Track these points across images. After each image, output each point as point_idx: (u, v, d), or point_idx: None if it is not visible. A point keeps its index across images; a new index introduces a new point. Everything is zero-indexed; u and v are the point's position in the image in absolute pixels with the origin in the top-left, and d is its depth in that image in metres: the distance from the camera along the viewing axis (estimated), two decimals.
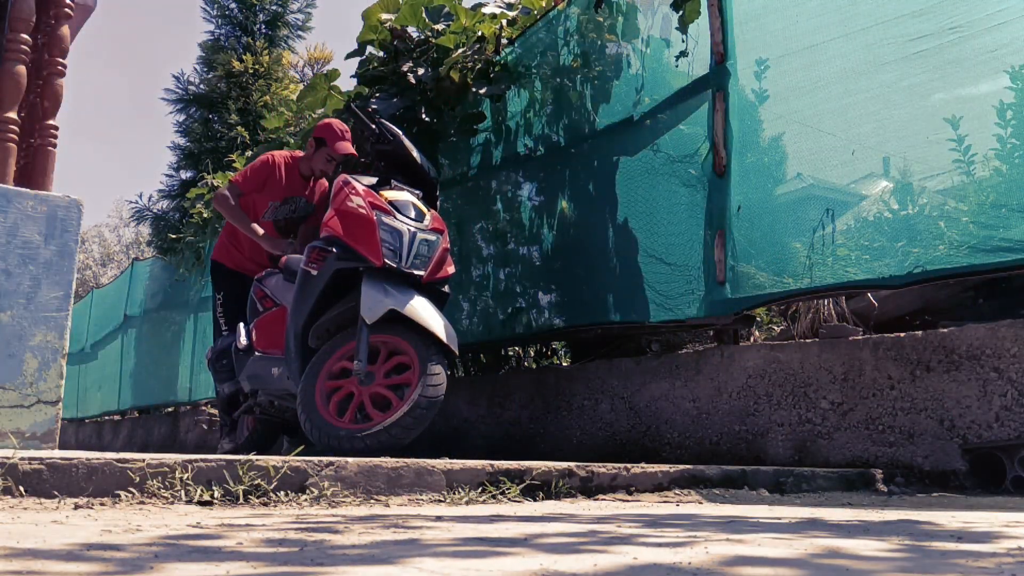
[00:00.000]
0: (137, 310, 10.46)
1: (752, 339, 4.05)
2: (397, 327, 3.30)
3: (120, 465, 1.88)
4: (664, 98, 3.84)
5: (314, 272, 3.45)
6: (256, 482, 1.99)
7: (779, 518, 1.82)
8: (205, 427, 7.58)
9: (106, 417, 11.22)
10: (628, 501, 2.35)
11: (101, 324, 11.81)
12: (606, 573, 1.04)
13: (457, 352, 3.40)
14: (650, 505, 2.24)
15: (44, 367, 3.00)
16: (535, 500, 2.30)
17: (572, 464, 2.47)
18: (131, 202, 13.35)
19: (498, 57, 4.70)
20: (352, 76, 5.42)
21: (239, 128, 11.55)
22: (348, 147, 4.26)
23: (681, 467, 2.59)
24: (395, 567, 1.06)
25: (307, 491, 2.04)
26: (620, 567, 1.08)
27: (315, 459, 2.12)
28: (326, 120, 4.39)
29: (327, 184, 4.41)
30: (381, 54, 5.19)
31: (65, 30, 3.42)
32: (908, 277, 2.91)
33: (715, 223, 3.47)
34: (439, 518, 1.75)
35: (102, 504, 1.79)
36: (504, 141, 4.81)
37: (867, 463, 2.97)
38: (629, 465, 2.54)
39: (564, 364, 4.99)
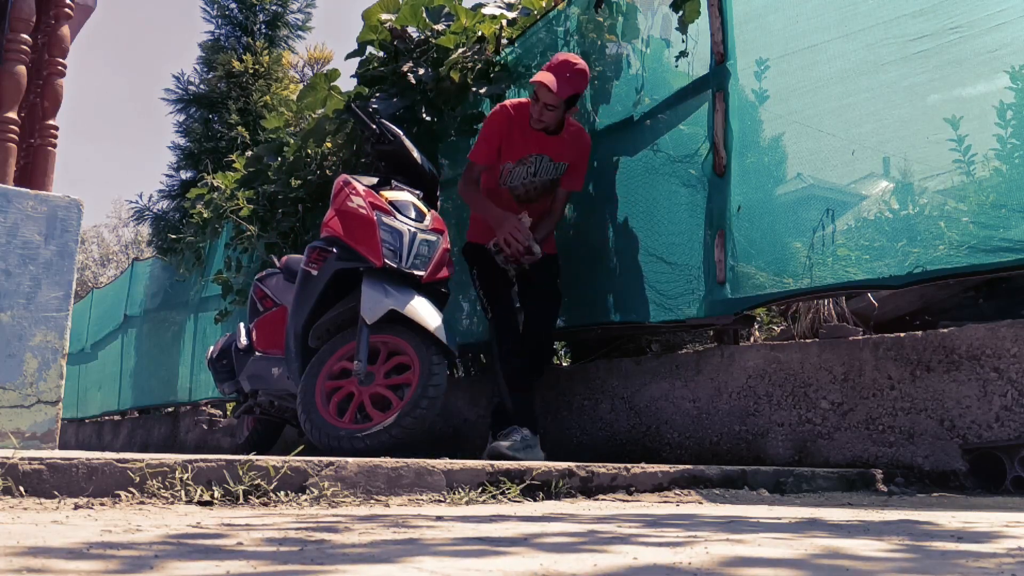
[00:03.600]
0: (137, 310, 10.45)
1: (752, 339, 4.04)
2: (397, 327, 3.31)
3: (120, 465, 1.88)
4: (664, 98, 3.84)
5: (314, 272, 3.46)
6: (256, 482, 1.99)
7: (779, 518, 1.82)
8: (205, 427, 7.58)
9: (106, 417, 11.21)
10: (628, 501, 2.35)
11: (101, 324, 11.80)
12: (606, 573, 1.03)
13: (457, 352, 3.40)
14: (650, 505, 2.24)
15: (44, 367, 3.00)
16: (535, 500, 2.30)
17: (572, 464, 2.47)
18: (131, 202, 13.39)
19: (498, 57, 4.70)
20: (352, 76, 5.43)
21: (239, 128, 11.56)
22: (553, 88, 3.43)
23: (681, 467, 2.59)
24: (395, 567, 1.06)
25: (307, 491, 2.04)
26: (620, 567, 1.08)
27: (315, 459, 2.12)
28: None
29: (583, 133, 3.81)
30: (381, 54, 5.20)
31: (65, 30, 3.42)
32: (908, 277, 2.91)
33: (715, 223, 3.47)
34: (439, 518, 1.74)
35: (102, 504, 1.79)
36: None
37: (867, 463, 2.96)
38: (629, 465, 2.54)
39: (564, 364, 4.99)
